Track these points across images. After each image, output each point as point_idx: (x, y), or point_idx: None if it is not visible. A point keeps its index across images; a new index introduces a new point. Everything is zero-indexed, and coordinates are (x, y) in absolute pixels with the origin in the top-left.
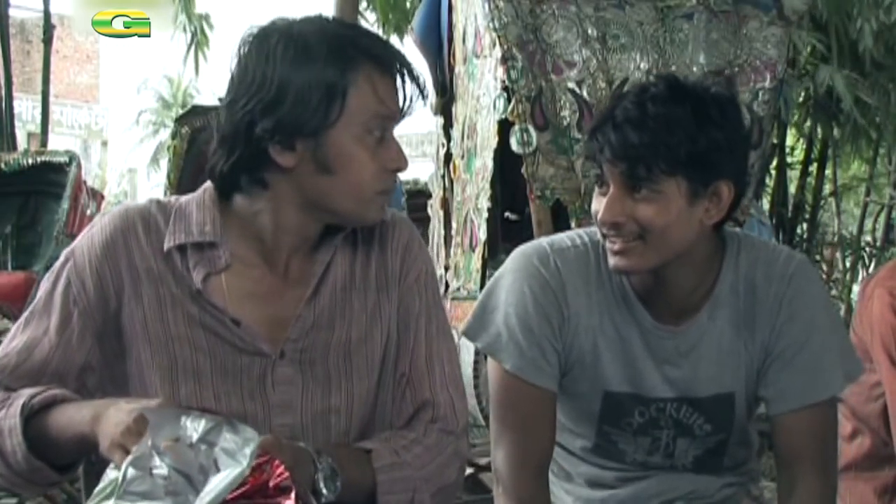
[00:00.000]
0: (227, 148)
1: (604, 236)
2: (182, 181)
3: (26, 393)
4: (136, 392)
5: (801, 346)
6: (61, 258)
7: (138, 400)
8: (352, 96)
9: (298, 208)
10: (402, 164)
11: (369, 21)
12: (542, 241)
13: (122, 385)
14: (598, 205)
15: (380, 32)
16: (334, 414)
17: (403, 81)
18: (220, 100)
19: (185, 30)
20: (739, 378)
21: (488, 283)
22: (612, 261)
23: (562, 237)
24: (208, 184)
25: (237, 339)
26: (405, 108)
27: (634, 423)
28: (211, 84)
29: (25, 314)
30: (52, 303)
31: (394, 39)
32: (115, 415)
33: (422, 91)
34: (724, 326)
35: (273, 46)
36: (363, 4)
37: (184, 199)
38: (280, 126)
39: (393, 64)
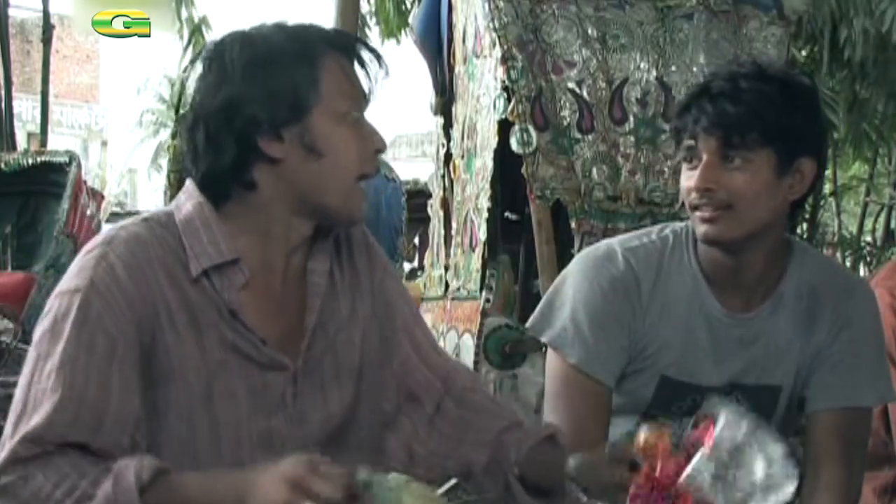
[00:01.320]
0: (213, 150)
1: (693, 208)
2: (182, 182)
3: (126, 464)
4: (180, 426)
5: (849, 353)
6: (74, 297)
7: (285, 466)
8: (324, 79)
9: (288, 207)
10: (382, 144)
11: (371, 29)
12: (610, 241)
13: (150, 418)
14: (689, 178)
15: (379, 40)
16: (334, 418)
17: (364, 62)
18: (177, 120)
19: (180, 34)
20: (790, 374)
21: (554, 283)
22: (702, 229)
23: (628, 237)
24: (199, 196)
25: (264, 358)
26: (373, 87)
27: (685, 406)
28: None
29: (48, 367)
30: (84, 343)
31: (391, 44)
32: (276, 483)
33: (383, 67)
34: (784, 324)
35: (229, 50)
36: (365, 8)
37: (182, 215)
38: (261, 117)
39: (353, 46)
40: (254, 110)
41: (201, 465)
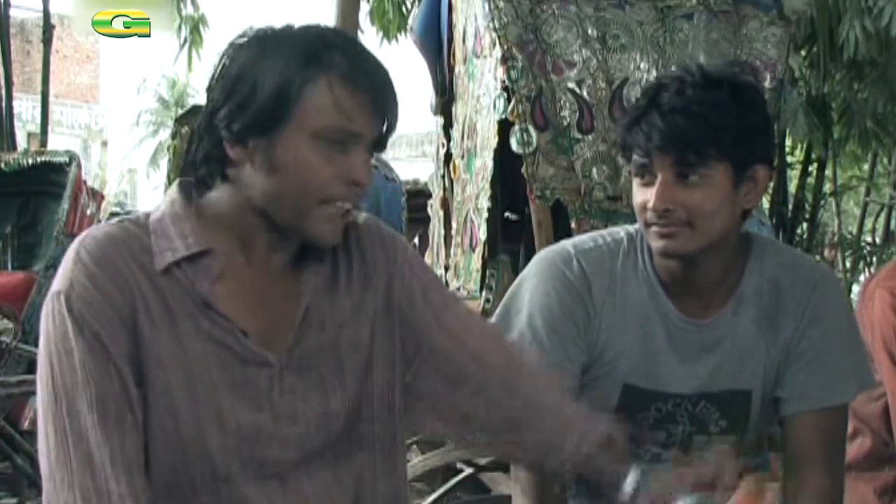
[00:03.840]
0: (196, 140)
1: (647, 225)
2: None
3: None
4: (163, 417)
5: (821, 351)
6: (59, 299)
7: None
8: (308, 100)
9: (251, 211)
10: (364, 179)
11: (364, 32)
12: (565, 244)
13: (142, 410)
14: (644, 195)
15: (377, 41)
16: (334, 417)
17: (380, 104)
18: (177, 120)
19: (178, 31)
20: (758, 376)
21: (511, 287)
22: (660, 244)
23: (584, 239)
24: (175, 193)
25: (246, 351)
26: (381, 131)
27: (650, 417)
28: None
29: (75, 359)
30: (82, 362)
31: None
32: None
33: (395, 116)
34: (747, 324)
35: (247, 42)
36: (365, 8)
37: (154, 215)
38: (232, 116)
39: (367, 83)
40: (228, 110)
41: (190, 457)
